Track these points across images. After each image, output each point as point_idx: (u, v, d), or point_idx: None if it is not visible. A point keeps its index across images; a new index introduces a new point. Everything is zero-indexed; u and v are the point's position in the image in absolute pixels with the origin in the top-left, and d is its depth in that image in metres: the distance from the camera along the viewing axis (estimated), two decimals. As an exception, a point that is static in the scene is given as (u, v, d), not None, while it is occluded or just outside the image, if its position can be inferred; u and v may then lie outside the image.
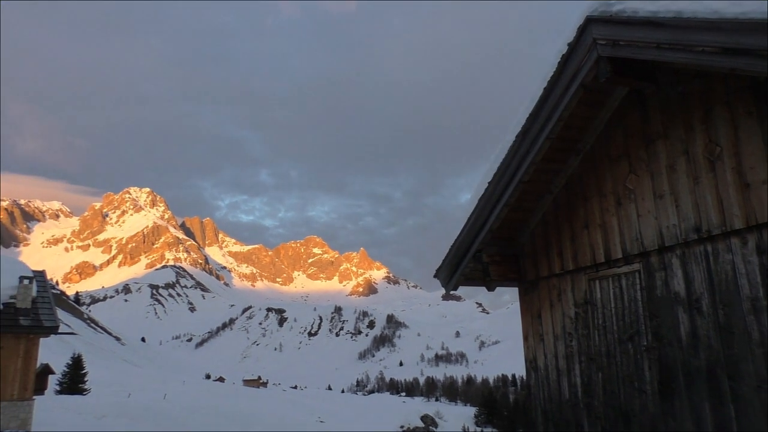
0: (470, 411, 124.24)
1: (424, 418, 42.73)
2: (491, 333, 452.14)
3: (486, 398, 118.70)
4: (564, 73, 5.07)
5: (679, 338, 4.71)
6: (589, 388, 5.55)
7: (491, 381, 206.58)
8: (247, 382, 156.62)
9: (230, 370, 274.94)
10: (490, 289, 6.84)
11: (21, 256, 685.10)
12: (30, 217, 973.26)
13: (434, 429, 42.29)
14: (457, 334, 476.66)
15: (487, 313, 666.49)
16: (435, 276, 7.02)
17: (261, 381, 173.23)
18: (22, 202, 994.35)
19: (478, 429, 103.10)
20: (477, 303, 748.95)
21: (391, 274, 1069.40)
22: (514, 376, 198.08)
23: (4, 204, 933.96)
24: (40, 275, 22.21)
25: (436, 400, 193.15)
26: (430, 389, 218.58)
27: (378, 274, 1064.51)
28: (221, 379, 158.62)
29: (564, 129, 5.47)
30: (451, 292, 7.26)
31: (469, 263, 6.56)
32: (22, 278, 20.07)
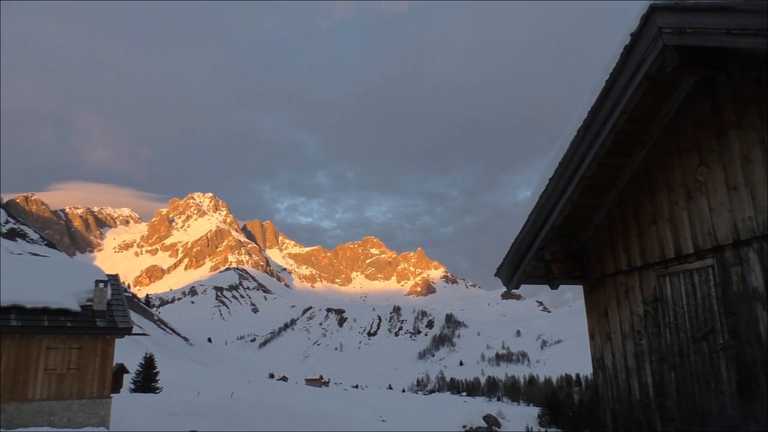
0: (533, 411, 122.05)
1: (487, 418, 42.21)
2: (553, 332, 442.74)
3: (549, 398, 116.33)
4: (627, 64, 4.92)
5: (758, 336, 4.49)
6: (662, 388, 5.36)
7: (554, 381, 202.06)
8: (310, 381, 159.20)
9: (292, 370, 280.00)
10: (553, 287, 6.71)
11: (95, 261, 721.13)
12: (102, 223, 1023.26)
13: (497, 429, 41.73)
14: (518, 333, 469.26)
15: (549, 311, 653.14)
16: (496, 275, 6.95)
17: (323, 380, 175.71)
18: (95, 209, 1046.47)
19: (542, 429, 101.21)
20: (538, 301, 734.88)
21: (449, 274, 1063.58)
22: (578, 375, 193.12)
23: (79, 212, 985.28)
24: (113, 279, 23.30)
25: (498, 399, 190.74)
26: (491, 389, 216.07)
27: (436, 273, 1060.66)
28: (284, 379, 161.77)
29: (628, 122, 5.31)
30: (512, 291, 7.17)
31: (531, 261, 6.47)
32: (97, 282, 21.11)
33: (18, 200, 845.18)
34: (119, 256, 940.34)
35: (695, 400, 5.02)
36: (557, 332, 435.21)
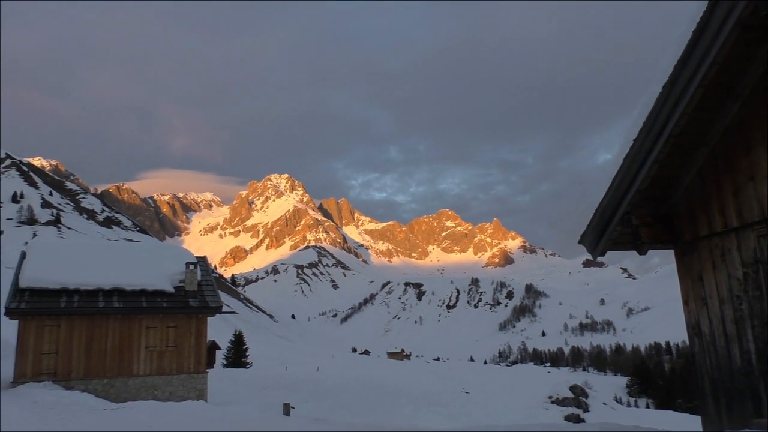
0: (621, 381, 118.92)
1: (573, 389, 41.40)
2: (639, 299, 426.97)
3: (638, 367, 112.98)
4: (716, 12, 4.58)
5: None
6: (766, 354, 5.07)
7: (642, 349, 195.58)
8: (391, 355, 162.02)
9: (374, 344, 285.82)
10: (642, 252, 6.45)
11: (183, 245, 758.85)
12: (188, 208, 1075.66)
13: (584, 399, 40.90)
14: (602, 301, 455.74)
15: (634, 278, 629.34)
16: (580, 242, 6.76)
17: (404, 353, 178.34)
18: (181, 195, 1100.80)
19: (632, 399, 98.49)
20: (622, 268, 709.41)
21: (527, 243, 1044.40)
22: (668, 343, 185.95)
23: (166, 198, 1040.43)
24: (202, 261, 24.48)
25: (584, 370, 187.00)
26: (576, 359, 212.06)
27: (513, 243, 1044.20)
28: (366, 353, 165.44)
29: (719, 73, 4.97)
30: (596, 259, 6.96)
31: (616, 227, 6.23)
32: (188, 264, 22.27)
33: (111, 190, 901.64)
34: (205, 239, 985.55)
35: (804, 367, 4.72)
36: (644, 299, 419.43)
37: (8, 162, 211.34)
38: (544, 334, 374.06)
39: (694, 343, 5.97)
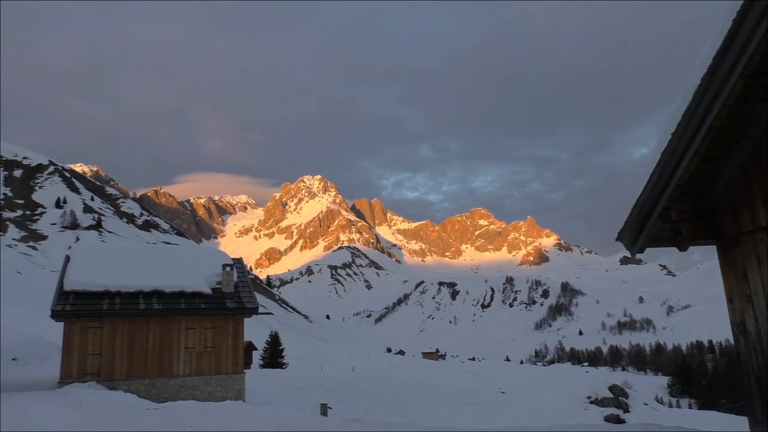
0: (662, 381, 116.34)
1: (613, 389, 40.73)
2: (680, 297, 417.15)
3: (680, 367, 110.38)
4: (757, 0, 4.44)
5: None
6: (815, 352, 4.90)
7: (684, 348, 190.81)
8: (426, 355, 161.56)
9: (408, 344, 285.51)
10: (682, 248, 6.29)
11: (219, 246, 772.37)
12: (223, 210, 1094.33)
13: (624, 400, 40.15)
14: (641, 299, 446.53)
15: (674, 275, 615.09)
16: (618, 239, 6.64)
17: (439, 353, 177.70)
18: (216, 197, 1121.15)
19: (674, 400, 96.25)
20: (660, 265, 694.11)
21: (561, 241, 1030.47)
22: (710, 342, 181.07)
23: (202, 201, 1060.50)
24: (238, 262, 24.84)
25: (623, 369, 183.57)
26: (614, 358, 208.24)
27: (548, 241, 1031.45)
28: (401, 353, 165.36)
29: (761, 63, 4.82)
30: (633, 255, 6.82)
31: (655, 223, 6.10)
32: (224, 266, 22.62)
33: (149, 194, 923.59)
34: (240, 241, 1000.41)
35: None
36: (684, 297, 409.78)
37: (51, 168, 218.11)
38: (581, 333, 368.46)
39: (739, 342, 5.80)
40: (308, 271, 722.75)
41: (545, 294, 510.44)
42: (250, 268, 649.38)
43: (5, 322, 34.41)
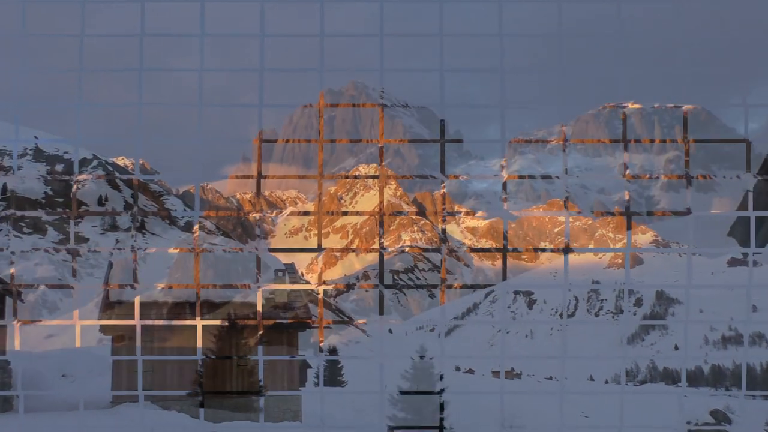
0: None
1: (714, 413, 39.61)
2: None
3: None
4: None
5: None
6: None
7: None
8: (496, 374, 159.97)
9: (478, 361, 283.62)
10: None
11: (269, 247, 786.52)
12: (273, 207, 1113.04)
13: (727, 426, 39.00)
14: (754, 308, 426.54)
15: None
16: (729, 234, 6.58)
17: (513, 372, 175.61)
18: (266, 193, 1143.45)
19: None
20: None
21: (659, 238, 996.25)
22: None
23: (248, 197, 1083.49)
24: (290, 268, 25.73)
25: (727, 390, 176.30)
26: (717, 378, 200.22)
27: (642, 238, 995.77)
28: (470, 371, 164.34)
29: None
30: (747, 255, 6.76)
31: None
32: (276, 271, 23.41)
33: (192, 191, 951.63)
34: (290, 242, 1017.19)
35: None
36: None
37: (95, 163, 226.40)
38: (677, 348, 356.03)
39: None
40: (365, 276, 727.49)
41: (638, 303, 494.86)
42: (302, 273, 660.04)
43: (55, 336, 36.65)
